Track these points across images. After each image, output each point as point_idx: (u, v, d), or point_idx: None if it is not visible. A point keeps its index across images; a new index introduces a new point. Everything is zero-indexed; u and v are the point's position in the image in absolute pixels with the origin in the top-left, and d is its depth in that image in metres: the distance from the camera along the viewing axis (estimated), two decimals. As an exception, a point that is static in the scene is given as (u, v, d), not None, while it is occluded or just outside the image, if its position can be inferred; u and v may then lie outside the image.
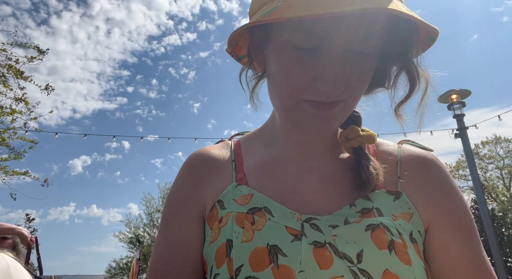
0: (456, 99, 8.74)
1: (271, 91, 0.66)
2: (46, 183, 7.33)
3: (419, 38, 0.60)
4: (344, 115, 0.63)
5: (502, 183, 21.09)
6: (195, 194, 0.70)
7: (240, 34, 0.65)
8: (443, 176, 0.67)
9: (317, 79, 0.56)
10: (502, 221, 18.58)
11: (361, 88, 0.60)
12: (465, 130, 8.58)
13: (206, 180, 0.71)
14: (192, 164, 0.74)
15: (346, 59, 0.56)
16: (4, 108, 6.40)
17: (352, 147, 0.69)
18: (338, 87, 0.56)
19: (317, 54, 0.56)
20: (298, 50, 0.57)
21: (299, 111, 0.60)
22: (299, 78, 0.58)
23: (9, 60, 6.20)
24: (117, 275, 21.52)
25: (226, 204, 0.65)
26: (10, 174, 6.88)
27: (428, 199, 0.64)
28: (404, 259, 0.56)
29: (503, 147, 20.94)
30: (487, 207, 8.43)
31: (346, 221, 0.60)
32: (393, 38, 0.61)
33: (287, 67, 0.59)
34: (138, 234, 20.22)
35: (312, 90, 0.58)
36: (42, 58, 6.38)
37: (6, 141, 6.63)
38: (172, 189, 0.74)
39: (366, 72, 0.59)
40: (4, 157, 6.73)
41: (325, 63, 0.56)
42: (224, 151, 0.75)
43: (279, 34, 0.59)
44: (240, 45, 0.71)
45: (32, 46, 6.34)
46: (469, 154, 8.41)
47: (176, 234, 0.68)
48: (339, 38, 0.54)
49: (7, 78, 6.32)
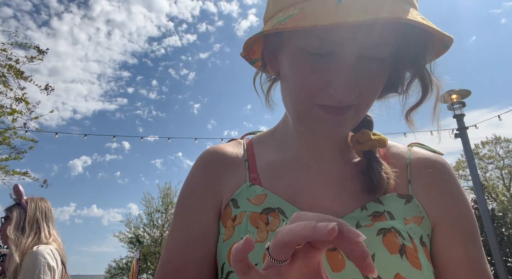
0: (456, 99, 8.74)
1: (284, 95, 0.66)
2: (46, 184, 7.32)
3: (433, 45, 0.59)
4: (356, 120, 0.63)
5: (502, 183, 21.08)
6: (212, 189, 0.70)
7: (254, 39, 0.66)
8: (451, 180, 0.68)
9: (329, 84, 0.56)
10: (502, 221, 18.59)
11: (374, 94, 0.60)
12: (465, 130, 8.58)
13: (220, 176, 0.71)
14: (207, 160, 0.74)
15: (359, 66, 0.56)
16: (4, 108, 6.40)
17: (363, 150, 0.69)
18: (351, 93, 0.56)
19: (330, 60, 0.56)
20: (311, 56, 0.57)
21: (311, 115, 0.61)
22: (312, 83, 0.58)
23: (9, 60, 6.20)
24: (117, 275, 21.51)
25: (240, 203, 0.65)
26: (11, 174, 6.88)
27: (436, 203, 0.65)
28: (415, 264, 0.56)
29: (503, 147, 20.95)
30: (487, 207, 8.43)
31: (358, 224, 0.60)
32: (407, 44, 0.61)
33: (300, 72, 0.59)
34: (138, 234, 20.21)
35: (325, 95, 0.58)
36: (42, 58, 6.39)
37: (8, 140, 6.63)
38: (186, 185, 0.73)
39: (378, 78, 0.59)
40: (4, 157, 6.74)
41: (338, 69, 0.56)
42: (237, 149, 0.76)
43: (293, 39, 0.60)
44: (253, 49, 0.72)
45: (32, 46, 6.34)
46: (469, 154, 8.41)
47: (195, 228, 0.67)
48: (353, 45, 0.54)
49: (7, 78, 6.32)
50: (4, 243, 2.22)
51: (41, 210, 2.28)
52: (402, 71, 0.66)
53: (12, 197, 2.33)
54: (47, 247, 2.14)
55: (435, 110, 0.64)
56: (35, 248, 2.10)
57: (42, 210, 2.29)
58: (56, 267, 2.12)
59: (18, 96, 6.43)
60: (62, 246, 2.29)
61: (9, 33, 6.22)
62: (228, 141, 0.81)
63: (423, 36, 0.59)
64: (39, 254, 2.06)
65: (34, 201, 2.31)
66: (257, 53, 0.73)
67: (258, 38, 0.68)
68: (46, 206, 2.34)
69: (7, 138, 6.63)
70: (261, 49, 0.71)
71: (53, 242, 2.23)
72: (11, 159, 6.78)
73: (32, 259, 2.04)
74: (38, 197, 2.38)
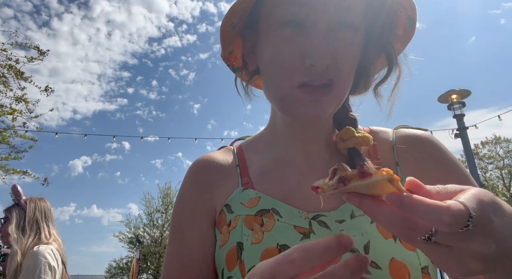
0: (456, 99, 8.74)
1: (265, 85, 0.68)
2: (46, 182, 7.31)
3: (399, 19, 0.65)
4: (337, 101, 0.64)
5: (502, 183, 21.06)
6: (205, 200, 0.71)
7: (233, 38, 0.70)
8: (438, 150, 0.68)
9: (305, 56, 0.59)
10: (502, 221, 18.47)
11: (349, 65, 0.62)
12: (465, 130, 8.59)
13: (213, 185, 0.72)
14: (198, 170, 0.75)
15: (331, 33, 0.60)
16: (4, 108, 6.39)
17: (347, 148, 0.69)
18: (325, 58, 0.58)
19: (303, 32, 0.60)
20: (286, 28, 0.60)
21: (293, 99, 0.62)
22: (289, 57, 0.60)
23: (9, 60, 6.20)
24: (117, 275, 21.49)
25: (233, 208, 0.66)
26: (11, 173, 6.86)
27: (425, 175, 0.64)
28: (408, 246, 0.58)
29: (503, 147, 20.93)
30: (487, 207, 8.42)
31: (352, 215, 0.61)
32: (375, 16, 0.65)
33: (277, 47, 0.62)
34: (138, 234, 20.19)
35: (303, 70, 0.60)
36: (42, 58, 6.38)
37: (7, 139, 6.62)
38: (180, 197, 0.74)
39: (351, 46, 0.61)
40: (4, 156, 6.73)
41: (312, 38, 0.59)
42: (228, 156, 0.77)
43: (267, 18, 0.63)
44: (235, 55, 0.75)
45: (32, 46, 6.33)
46: (469, 154, 8.41)
47: (191, 240, 0.68)
48: (323, 9, 0.58)
49: (7, 78, 6.31)
50: (5, 243, 2.22)
51: (40, 210, 2.28)
52: (372, 52, 0.69)
53: (12, 197, 2.33)
54: (47, 247, 2.14)
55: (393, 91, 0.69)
56: (35, 248, 2.10)
57: (42, 210, 2.29)
58: (56, 267, 2.12)
59: (18, 96, 6.42)
60: (62, 246, 2.29)
61: (9, 33, 6.21)
62: (218, 149, 0.82)
63: (390, 9, 0.64)
64: (40, 254, 2.06)
65: (33, 201, 2.31)
66: (239, 60, 0.76)
67: (238, 42, 0.72)
68: (45, 206, 2.33)
69: (6, 137, 6.62)
70: (241, 54, 0.74)
71: (53, 242, 2.23)
72: (11, 159, 6.78)
73: (33, 259, 2.04)
74: (37, 197, 2.38)
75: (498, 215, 0.37)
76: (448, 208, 0.34)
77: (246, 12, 0.66)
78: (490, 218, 0.36)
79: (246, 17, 0.68)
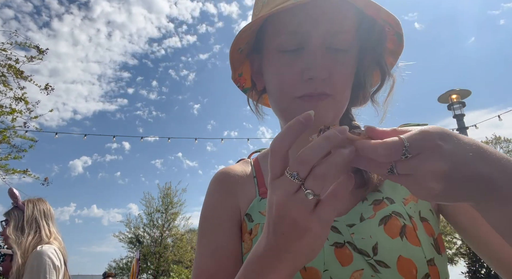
0: (456, 99, 8.75)
1: (271, 100, 0.75)
2: (46, 181, 7.32)
3: (385, 33, 0.70)
4: (336, 110, 0.69)
5: (502, 183, 20.99)
6: (231, 204, 0.76)
7: (241, 61, 0.79)
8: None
9: (304, 71, 0.65)
10: (502, 221, 18.51)
11: (344, 81, 0.67)
12: (465, 130, 8.59)
13: (235, 194, 0.78)
14: (221, 180, 0.81)
15: (327, 53, 0.65)
16: (4, 108, 6.39)
17: None
18: (322, 70, 0.63)
19: (301, 53, 0.66)
20: (285, 53, 0.67)
21: (293, 108, 0.67)
22: (289, 75, 0.66)
23: (9, 60, 6.19)
24: (117, 275, 21.49)
25: (253, 217, 0.72)
26: (11, 173, 6.86)
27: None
28: (414, 242, 0.61)
29: (503, 147, 20.92)
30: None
31: (362, 217, 0.66)
32: (366, 35, 0.71)
33: (278, 69, 0.68)
34: (138, 234, 20.18)
35: (302, 83, 0.65)
36: (41, 57, 6.38)
37: (7, 139, 6.62)
38: (207, 202, 0.79)
39: (345, 66, 0.67)
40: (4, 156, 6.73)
41: (309, 55, 0.65)
42: (246, 168, 0.83)
43: (269, 45, 0.70)
44: (244, 77, 0.84)
45: (32, 45, 6.33)
46: (469, 154, 8.40)
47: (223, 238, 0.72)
48: (316, 34, 0.64)
49: (7, 78, 6.31)
50: (7, 245, 2.22)
51: (39, 209, 2.28)
52: (366, 65, 0.74)
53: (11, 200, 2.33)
54: (50, 246, 2.14)
55: (386, 99, 0.75)
56: (38, 247, 2.10)
57: (40, 209, 2.29)
58: (60, 266, 2.12)
59: (18, 95, 6.42)
60: (63, 244, 2.29)
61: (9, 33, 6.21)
62: (237, 161, 0.90)
63: (379, 27, 0.70)
64: (44, 254, 2.07)
65: (32, 202, 2.31)
66: (248, 81, 0.84)
67: (246, 64, 0.81)
68: (44, 205, 2.34)
69: (6, 137, 6.62)
70: (250, 76, 0.82)
71: (54, 240, 2.23)
72: (11, 159, 6.77)
73: (37, 258, 2.04)
74: (36, 198, 2.38)
75: (447, 140, 0.42)
76: (383, 142, 0.42)
77: (251, 39, 0.74)
78: (436, 143, 0.41)
79: (251, 43, 0.76)
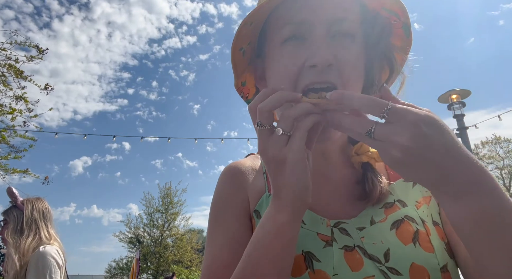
0: (456, 99, 8.74)
1: None
2: (47, 181, 7.31)
3: (391, 26, 0.68)
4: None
5: (502, 183, 21.03)
6: (242, 197, 0.75)
7: (245, 68, 0.76)
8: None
9: (306, 60, 0.62)
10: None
11: (351, 69, 0.64)
12: (465, 130, 8.58)
13: (245, 188, 0.76)
14: (232, 174, 0.79)
15: (330, 39, 0.63)
16: (4, 107, 6.38)
17: (361, 162, 0.73)
18: (326, 56, 0.60)
19: (304, 42, 0.64)
20: (287, 44, 0.65)
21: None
22: (292, 65, 0.64)
23: (8, 60, 6.19)
24: (117, 275, 21.47)
25: (262, 213, 0.70)
26: (11, 173, 6.86)
27: None
28: (427, 248, 0.60)
29: (503, 147, 20.92)
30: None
31: (372, 221, 0.64)
32: (369, 26, 0.69)
33: (281, 61, 0.66)
34: (138, 234, 20.17)
35: (306, 71, 0.62)
36: (41, 57, 6.37)
37: (6, 139, 6.61)
38: (218, 195, 0.77)
39: (351, 53, 0.64)
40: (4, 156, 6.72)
41: (312, 43, 0.63)
42: (256, 163, 0.81)
43: (271, 42, 0.68)
44: (247, 87, 0.81)
45: (32, 45, 6.32)
46: (469, 154, 8.39)
47: (235, 229, 0.70)
48: (319, 23, 0.62)
49: (7, 78, 6.30)
50: (6, 245, 2.22)
51: (38, 210, 2.27)
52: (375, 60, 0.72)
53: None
54: (52, 247, 2.15)
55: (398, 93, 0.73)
56: (41, 248, 2.10)
57: (40, 210, 2.28)
58: (62, 266, 2.14)
59: (18, 95, 6.41)
60: (62, 245, 2.29)
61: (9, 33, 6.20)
62: (246, 156, 0.87)
63: (384, 18, 0.68)
64: (48, 254, 2.08)
65: (31, 202, 2.30)
66: (252, 91, 0.82)
67: (249, 73, 0.78)
68: (43, 205, 2.33)
69: (6, 137, 6.61)
70: (254, 84, 0.80)
71: (54, 241, 2.23)
72: (11, 158, 6.77)
73: (42, 258, 2.05)
74: (35, 197, 2.37)
75: (429, 125, 0.46)
76: (370, 97, 0.49)
77: (253, 41, 0.72)
78: (417, 123, 0.45)
79: (254, 45, 0.73)
